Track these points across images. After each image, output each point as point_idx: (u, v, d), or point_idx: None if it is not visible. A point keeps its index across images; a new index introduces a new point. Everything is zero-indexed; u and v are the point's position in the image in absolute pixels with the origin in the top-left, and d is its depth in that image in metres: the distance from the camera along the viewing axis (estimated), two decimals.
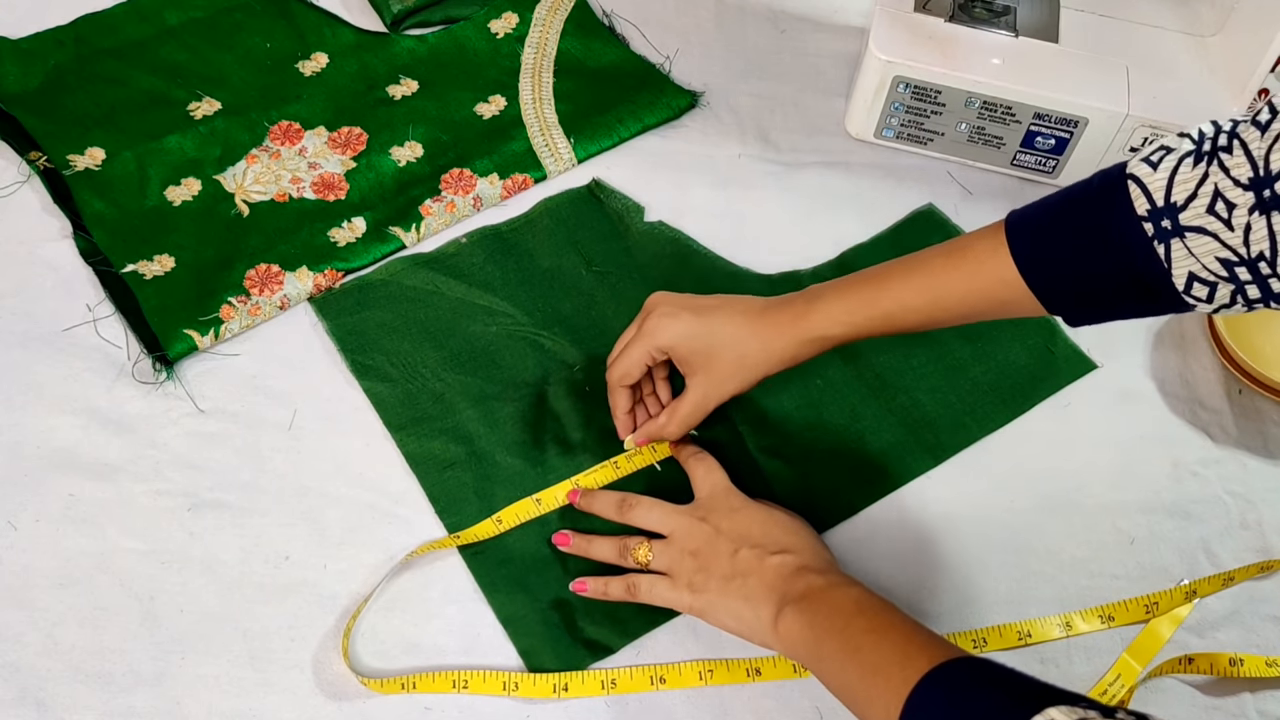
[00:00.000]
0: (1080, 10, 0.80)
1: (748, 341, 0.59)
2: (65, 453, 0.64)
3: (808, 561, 0.57)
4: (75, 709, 0.56)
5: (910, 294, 0.57)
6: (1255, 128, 0.46)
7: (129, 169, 0.76)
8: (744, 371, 0.60)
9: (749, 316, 0.60)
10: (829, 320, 0.58)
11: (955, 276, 0.56)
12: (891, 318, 0.57)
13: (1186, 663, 0.60)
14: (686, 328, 0.60)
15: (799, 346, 0.59)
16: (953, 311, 0.56)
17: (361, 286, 0.72)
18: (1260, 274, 0.47)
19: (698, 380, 0.61)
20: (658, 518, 0.60)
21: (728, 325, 0.59)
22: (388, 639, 0.59)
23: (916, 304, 0.57)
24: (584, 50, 0.86)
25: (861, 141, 0.82)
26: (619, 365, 0.62)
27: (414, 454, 0.65)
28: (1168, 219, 0.48)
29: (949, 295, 0.56)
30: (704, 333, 0.60)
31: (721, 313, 0.60)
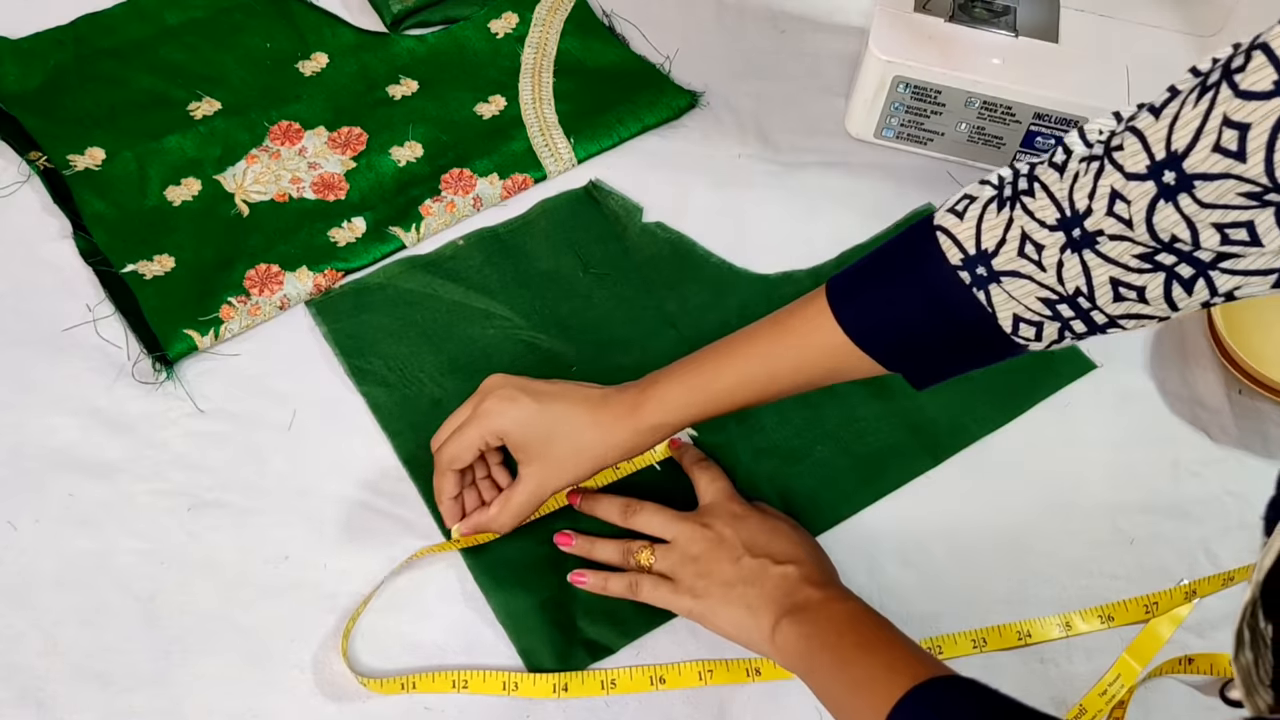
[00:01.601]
0: (1080, 10, 0.79)
1: (586, 431, 0.57)
2: (65, 453, 0.64)
3: (810, 574, 0.57)
4: (75, 709, 0.56)
5: (743, 373, 0.56)
6: (1053, 169, 0.47)
7: (129, 169, 0.76)
8: (581, 461, 0.58)
9: (588, 405, 0.58)
10: (665, 408, 0.57)
11: (784, 349, 0.55)
12: (730, 396, 0.57)
13: (1186, 663, 0.60)
14: (523, 413, 0.57)
15: (637, 436, 0.57)
16: (790, 383, 0.56)
17: (359, 290, 0.72)
18: (1081, 309, 0.47)
19: (533, 470, 0.58)
20: (661, 523, 0.60)
21: (566, 413, 0.58)
22: (388, 639, 0.59)
23: (751, 383, 0.56)
24: (584, 50, 0.86)
25: (861, 141, 0.82)
26: (449, 448, 0.58)
27: (411, 458, 0.65)
28: (982, 266, 0.48)
29: (781, 369, 0.55)
30: (541, 420, 0.57)
31: (560, 400, 0.58)
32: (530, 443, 0.58)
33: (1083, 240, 0.45)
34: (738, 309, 0.73)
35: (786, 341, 0.55)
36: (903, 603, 0.62)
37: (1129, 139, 0.44)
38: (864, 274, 0.53)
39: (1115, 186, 0.44)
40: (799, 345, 0.55)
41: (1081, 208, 0.45)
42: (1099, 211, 0.44)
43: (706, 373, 0.57)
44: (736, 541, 0.58)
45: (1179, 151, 0.42)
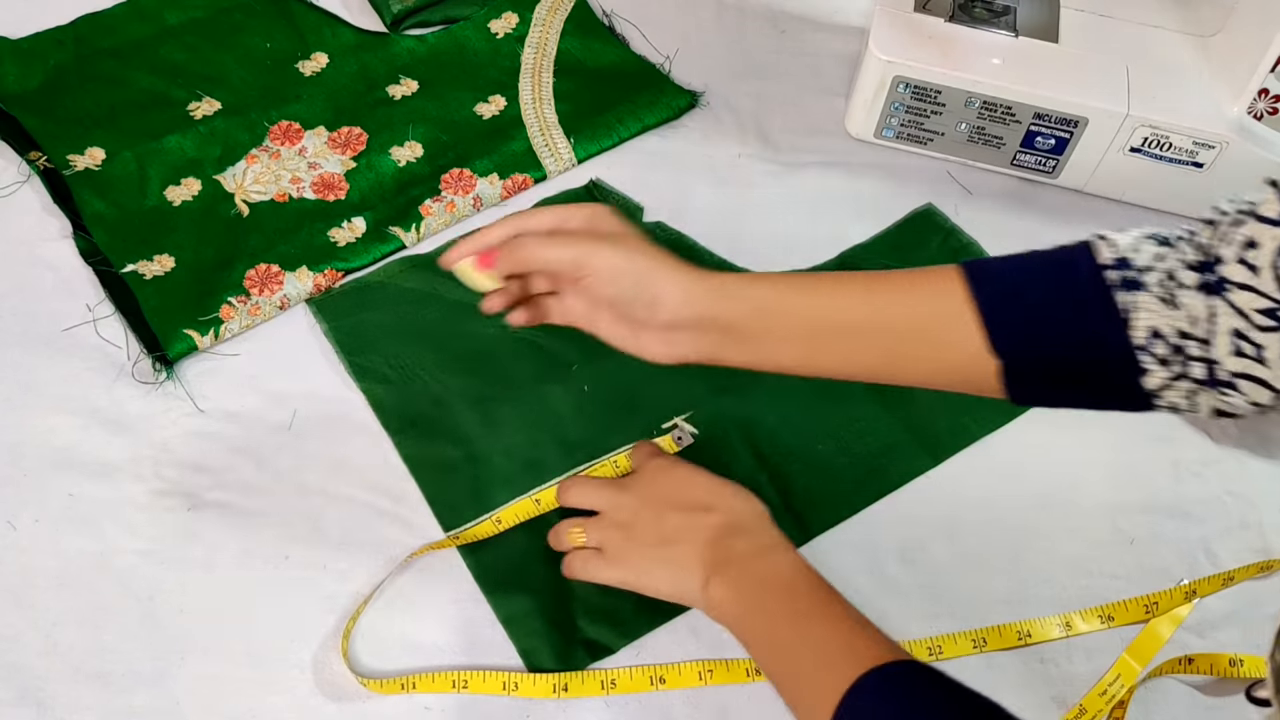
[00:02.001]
0: (1080, 10, 0.80)
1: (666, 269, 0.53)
2: (65, 453, 0.64)
3: (734, 519, 0.55)
4: (75, 709, 0.56)
5: (841, 305, 0.52)
6: (1206, 224, 0.47)
7: (129, 169, 0.76)
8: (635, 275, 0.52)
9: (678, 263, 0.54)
10: (735, 295, 0.53)
11: (899, 295, 0.51)
12: (805, 324, 0.52)
13: (1186, 663, 0.60)
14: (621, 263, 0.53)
15: (698, 302, 0.52)
16: (882, 346, 0.51)
17: (360, 288, 0.72)
18: (1204, 356, 0.46)
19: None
20: (585, 495, 0.59)
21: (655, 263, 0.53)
22: (388, 639, 0.59)
23: (842, 319, 0.52)
24: (584, 50, 0.86)
25: (861, 141, 0.82)
26: (536, 237, 0.54)
27: (412, 456, 0.65)
28: (1131, 271, 0.47)
29: (887, 317, 0.51)
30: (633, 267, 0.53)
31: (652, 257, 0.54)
32: (631, 236, 0.54)
33: (1216, 285, 0.45)
34: None
35: (903, 288, 0.51)
36: (903, 603, 0.62)
37: (1271, 190, 0.44)
38: (1007, 258, 0.51)
39: (1250, 233, 0.44)
40: (915, 295, 0.50)
41: (1220, 254, 0.45)
42: (1230, 259, 0.44)
43: (801, 284, 0.53)
44: (658, 499, 0.57)
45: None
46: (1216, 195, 0.76)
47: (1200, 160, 0.75)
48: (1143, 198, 0.80)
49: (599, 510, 0.59)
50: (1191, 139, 0.74)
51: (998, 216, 0.79)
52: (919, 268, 0.51)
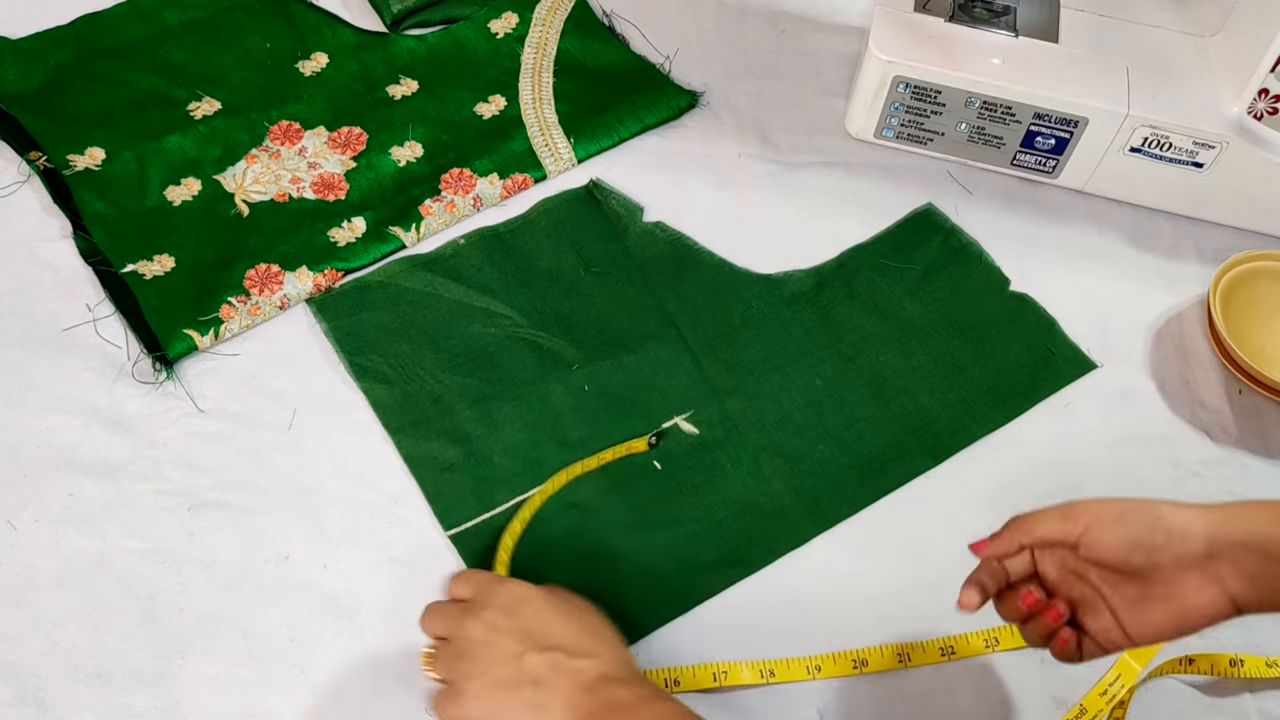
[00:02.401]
0: (1080, 10, 0.80)
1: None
2: (65, 453, 0.64)
3: (609, 669, 0.49)
4: (75, 709, 0.56)
5: None
6: None
7: (129, 169, 0.76)
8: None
9: None
10: None
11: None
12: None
13: (1187, 663, 0.60)
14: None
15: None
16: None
17: (360, 288, 0.72)
18: None
19: None
20: (433, 621, 0.52)
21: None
22: (388, 639, 0.59)
23: None
24: (584, 50, 0.86)
25: (861, 141, 0.82)
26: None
27: (412, 455, 0.65)
28: None
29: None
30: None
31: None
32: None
33: None
34: (738, 309, 0.73)
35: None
36: (904, 602, 0.62)
37: None
38: None
39: None
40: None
41: None
42: None
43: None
44: (514, 631, 0.50)
45: None
46: (1217, 195, 0.77)
47: (1200, 160, 0.75)
48: (1143, 198, 0.80)
49: (446, 638, 0.52)
50: (1191, 139, 0.74)
51: (998, 216, 0.79)
52: None
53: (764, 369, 0.70)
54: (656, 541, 0.64)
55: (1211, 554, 0.44)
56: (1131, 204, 0.80)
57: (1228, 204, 0.78)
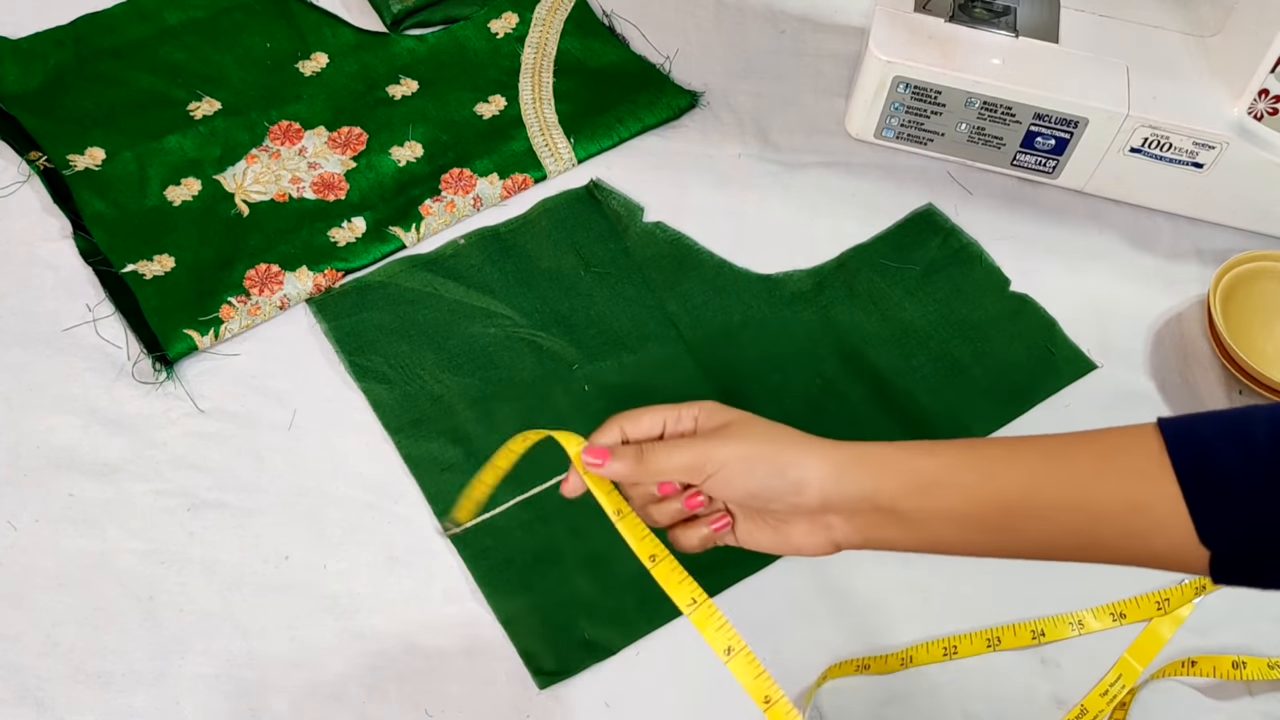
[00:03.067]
0: (1080, 10, 0.80)
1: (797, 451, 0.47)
2: (65, 453, 0.64)
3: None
4: (75, 709, 0.56)
5: (1023, 485, 0.44)
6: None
7: (129, 169, 0.76)
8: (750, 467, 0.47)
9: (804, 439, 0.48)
10: (873, 474, 0.46)
11: (1091, 459, 0.44)
12: (974, 509, 0.45)
13: (1189, 665, 0.60)
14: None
15: (823, 481, 0.46)
16: (1064, 531, 0.44)
17: (360, 288, 0.72)
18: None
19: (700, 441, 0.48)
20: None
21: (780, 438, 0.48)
22: (388, 639, 0.59)
23: (1020, 504, 0.45)
24: (584, 50, 0.86)
25: (861, 141, 0.82)
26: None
27: (412, 455, 0.65)
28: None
29: (1078, 478, 0.44)
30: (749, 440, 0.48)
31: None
32: (749, 421, 0.49)
33: None
34: (738, 309, 0.73)
35: (1096, 462, 0.44)
36: (909, 603, 0.62)
37: None
38: (1214, 421, 0.42)
39: None
40: (1111, 473, 0.43)
41: None
42: None
43: (971, 455, 0.46)
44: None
45: None
46: (1217, 195, 0.77)
47: (1200, 160, 0.75)
48: (1143, 198, 0.80)
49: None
50: (1191, 139, 0.74)
51: (998, 216, 0.79)
52: (1108, 431, 0.44)
53: (764, 369, 0.70)
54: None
55: (823, 507, 0.47)
56: (1131, 204, 0.80)
57: (1228, 204, 0.78)
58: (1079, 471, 0.44)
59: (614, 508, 0.50)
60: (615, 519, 0.50)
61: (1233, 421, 0.42)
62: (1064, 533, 0.44)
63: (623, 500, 0.50)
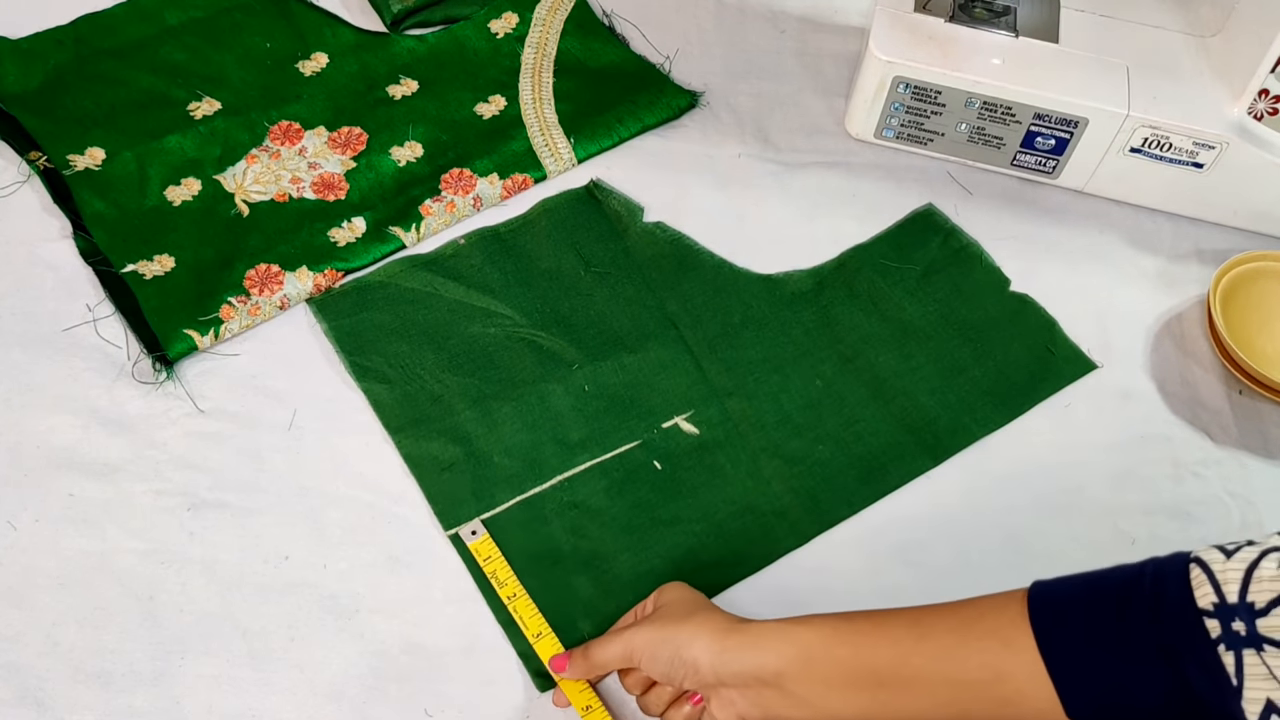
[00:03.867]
0: (1080, 10, 0.79)
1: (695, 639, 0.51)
2: (65, 453, 0.64)
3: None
4: (75, 709, 0.56)
5: (882, 657, 0.47)
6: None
7: (129, 169, 0.76)
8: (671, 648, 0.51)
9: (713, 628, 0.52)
10: (757, 641, 0.50)
11: (955, 630, 0.46)
12: (843, 674, 0.47)
13: None
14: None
15: (718, 651, 0.50)
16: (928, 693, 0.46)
17: (360, 288, 0.72)
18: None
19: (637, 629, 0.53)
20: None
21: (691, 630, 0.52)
22: (388, 639, 0.59)
23: (882, 671, 0.47)
24: (584, 50, 0.86)
25: (861, 141, 0.82)
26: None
27: (412, 455, 0.65)
28: (1239, 620, 0.37)
29: (941, 650, 0.46)
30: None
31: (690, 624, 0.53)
32: (669, 606, 0.55)
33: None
34: (738, 309, 0.73)
35: (959, 633, 0.45)
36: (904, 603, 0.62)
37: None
38: (1077, 584, 0.44)
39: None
40: (974, 643, 0.45)
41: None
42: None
43: (846, 629, 0.48)
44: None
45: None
46: (1217, 195, 0.77)
47: (1200, 160, 0.75)
48: (1143, 198, 0.80)
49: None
50: (1191, 139, 0.74)
51: (998, 216, 0.79)
52: (975, 601, 0.46)
53: (764, 369, 0.70)
54: (656, 542, 0.64)
55: (718, 682, 0.50)
56: (1131, 204, 0.80)
57: (1228, 204, 0.78)
58: (942, 642, 0.45)
59: (583, 704, 0.56)
60: (583, 715, 0.56)
61: (1096, 584, 0.43)
62: (936, 703, 0.45)
63: (593, 696, 0.56)
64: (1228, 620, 0.38)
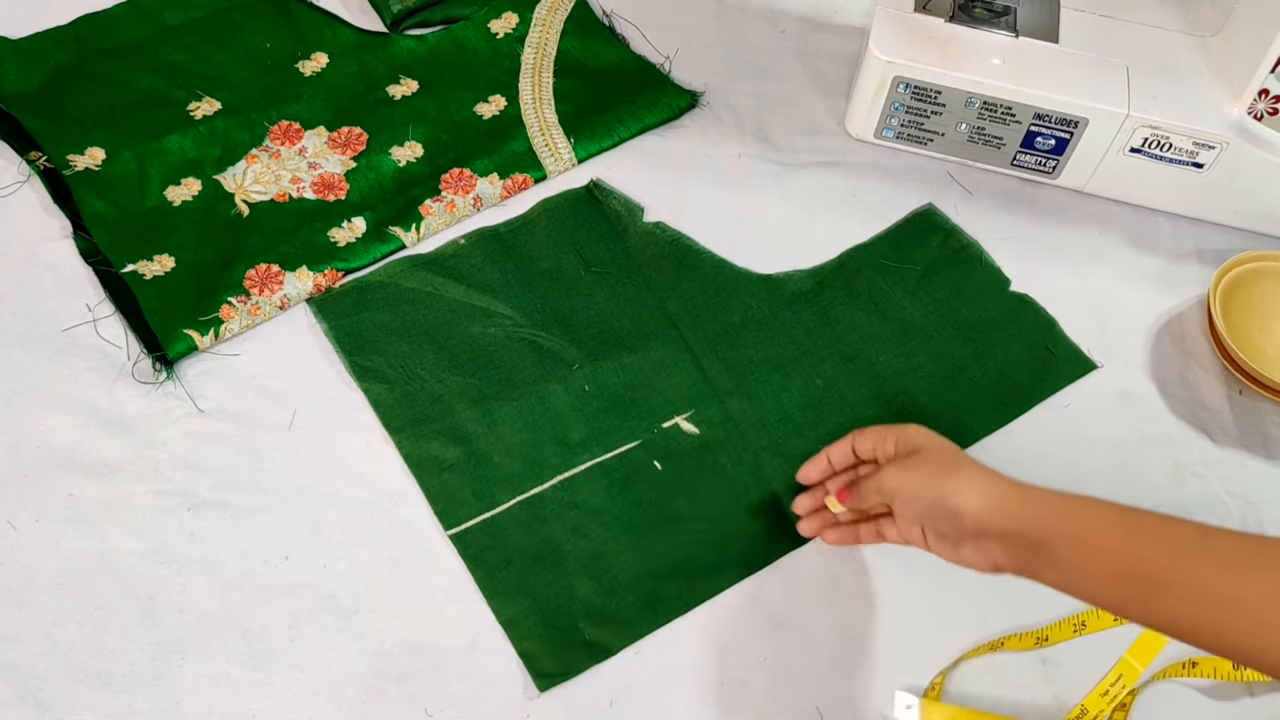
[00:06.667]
0: (1080, 10, 0.80)
1: (964, 481, 0.53)
2: (65, 453, 0.64)
3: None
4: (75, 709, 0.56)
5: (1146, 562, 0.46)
6: None
7: (129, 169, 0.76)
8: (933, 494, 0.53)
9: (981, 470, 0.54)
10: (1017, 511, 0.50)
11: (1243, 551, 0.45)
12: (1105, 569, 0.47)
13: (1190, 666, 0.60)
14: (936, 441, 0.56)
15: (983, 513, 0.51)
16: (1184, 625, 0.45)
17: (360, 288, 0.72)
18: None
19: (897, 469, 0.56)
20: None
21: (967, 468, 0.54)
22: (388, 639, 0.59)
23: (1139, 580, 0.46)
24: (584, 50, 0.86)
25: (861, 141, 0.82)
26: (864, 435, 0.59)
27: (413, 455, 0.65)
28: None
29: (1225, 569, 0.44)
30: (944, 453, 0.56)
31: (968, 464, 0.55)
32: (933, 450, 0.56)
33: None
34: (738, 309, 0.73)
35: (1248, 555, 0.44)
36: (905, 604, 0.62)
37: None
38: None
39: None
40: (1259, 568, 0.44)
41: None
42: None
43: (1127, 521, 0.48)
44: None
45: None
46: (1217, 195, 0.77)
47: (1200, 160, 0.75)
48: (1143, 198, 0.80)
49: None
50: (1191, 139, 0.74)
51: (998, 217, 0.79)
52: (1271, 539, 0.45)
53: (764, 369, 0.70)
54: (657, 542, 0.64)
55: (981, 533, 0.52)
56: (1131, 204, 0.80)
57: (1228, 204, 0.78)
58: (1229, 558, 0.44)
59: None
60: None
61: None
62: (1201, 616, 0.44)
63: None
64: None
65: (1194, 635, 0.45)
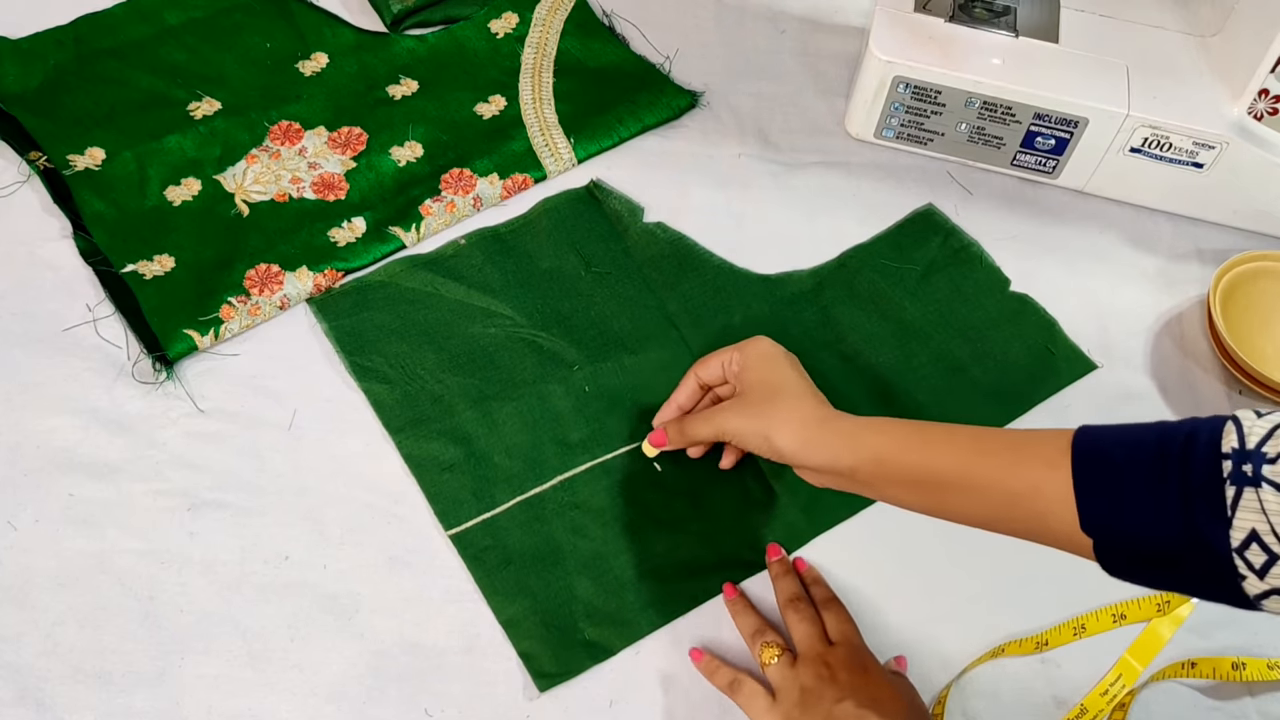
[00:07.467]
0: (1080, 10, 0.80)
1: (799, 408, 0.59)
2: (65, 453, 0.64)
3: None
4: (75, 709, 0.56)
5: (942, 462, 0.52)
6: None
7: (129, 169, 0.76)
8: (776, 427, 0.58)
9: (815, 396, 0.60)
10: (852, 441, 0.56)
11: (1009, 449, 0.50)
12: (907, 473, 0.54)
13: (1189, 667, 0.60)
14: (771, 357, 0.62)
15: (812, 445, 0.57)
16: (971, 497, 0.51)
17: (360, 288, 0.72)
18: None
19: (735, 406, 0.61)
20: (807, 634, 0.59)
21: (797, 384, 0.60)
22: (387, 639, 0.59)
23: (937, 477, 0.53)
24: (584, 50, 0.86)
25: (861, 141, 0.82)
26: (702, 363, 0.64)
27: (413, 455, 0.65)
28: (1250, 463, 0.41)
29: (995, 464, 0.51)
30: (779, 371, 0.61)
31: (800, 377, 0.61)
32: (756, 386, 0.61)
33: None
34: (738, 309, 0.73)
35: (1012, 453, 0.50)
36: (905, 604, 0.62)
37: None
38: (1128, 429, 0.47)
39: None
40: (1022, 463, 0.49)
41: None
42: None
43: (916, 436, 0.54)
44: (847, 686, 0.56)
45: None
46: (1217, 195, 0.77)
47: (1200, 160, 0.75)
48: (1143, 198, 0.80)
49: (799, 654, 0.58)
50: (1191, 139, 0.74)
51: (998, 217, 0.79)
52: (1029, 430, 0.51)
53: None
54: (657, 541, 0.64)
55: (798, 466, 0.58)
56: (1131, 204, 0.80)
57: (1228, 204, 0.78)
58: (1000, 458, 0.50)
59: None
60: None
61: (1140, 429, 0.47)
62: (985, 506, 0.51)
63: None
64: (1240, 463, 0.42)
65: (986, 526, 0.52)
